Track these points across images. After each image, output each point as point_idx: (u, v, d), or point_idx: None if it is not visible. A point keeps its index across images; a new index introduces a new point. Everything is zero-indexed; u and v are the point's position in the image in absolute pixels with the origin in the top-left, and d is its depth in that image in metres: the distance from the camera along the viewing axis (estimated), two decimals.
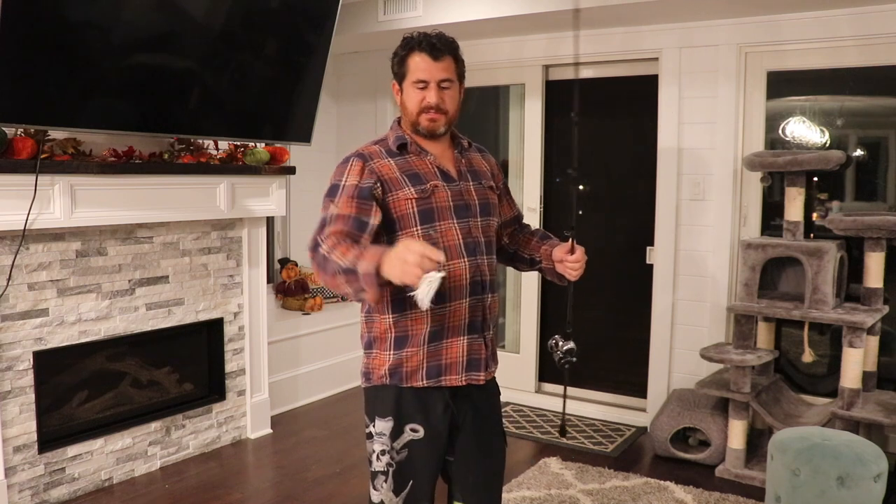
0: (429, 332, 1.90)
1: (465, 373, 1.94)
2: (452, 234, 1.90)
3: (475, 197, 1.97)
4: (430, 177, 1.92)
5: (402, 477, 1.94)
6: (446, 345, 1.92)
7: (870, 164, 3.78)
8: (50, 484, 3.18)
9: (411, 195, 1.87)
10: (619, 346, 4.49)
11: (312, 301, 4.84)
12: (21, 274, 3.02)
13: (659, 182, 4.11)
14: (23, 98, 2.75)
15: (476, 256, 1.93)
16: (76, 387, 3.38)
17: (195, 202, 3.54)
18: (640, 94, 4.22)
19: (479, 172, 2.04)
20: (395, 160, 1.91)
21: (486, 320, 1.97)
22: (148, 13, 3.05)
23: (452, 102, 1.93)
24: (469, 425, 2.00)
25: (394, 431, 1.95)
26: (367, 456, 2.05)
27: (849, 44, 3.60)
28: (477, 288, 1.93)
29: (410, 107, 1.92)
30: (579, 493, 3.31)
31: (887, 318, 3.55)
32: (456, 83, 1.93)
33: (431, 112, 1.90)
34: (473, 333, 1.94)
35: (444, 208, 1.90)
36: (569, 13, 3.82)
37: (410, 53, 1.90)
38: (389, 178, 1.88)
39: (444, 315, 1.89)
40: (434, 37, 1.89)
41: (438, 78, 1.88)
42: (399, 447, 1.94)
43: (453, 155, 2.00)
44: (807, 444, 2.44)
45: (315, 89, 3.80)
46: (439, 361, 1.92)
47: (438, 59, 1.88)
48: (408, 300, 1.82)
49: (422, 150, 1.95)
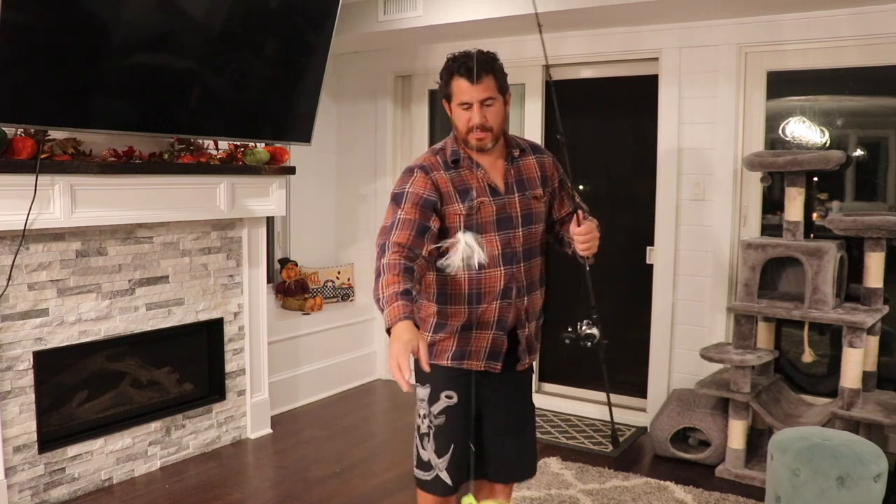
0: (463, 324, 2.14)
1: (485, 361, 2.18)
2: (493, 246, 2.10)
3: (518, 209, 2.15)
4: (479, 192, 2.10)
5: (443, 441, 2.16)
6: (475, 336, 2.16)
7: (870, 164, 3.77)
8: (50, 484, 3.18)
9: (460, 211, 2.08)
10: (619, 346, 4.48)
11: (312, 301, 4.84)
12: (21, 274, 3.02)
13: (659, 182, 4.11)
14: (23, 98, 2.75)
15: (512, 265, 2.14)
16: (76, 387, 3.38)
17: (195, 202, 3.54)
18: (640, 94, 4.22)
19: (526, 181, 2.19)
20: (449, 173, 2.10)
21: (521, 319, 2.20)
22: (148, 13, 3.05)
23: (496, 118, 2.07)
24: (497, 407, 2.24)
25: (431, 397, 2.18)
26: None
27: (849, 44, 3.60)
28: (509, 293, 2.15)
29: (459, 126, 2.09)
30: (579, 493, 3.31)
31: (887, 318, 3.55)
32: (498, 98, 2.07)
33: (477, 131, 2.05)
34: (500, 330, 2.17)
35: (488, 222, 2.10)
36: (570, 13, 3.82)
37: (452, 77, 2.05)
38: (444, 192, 2.08)
39: (477, 313, 2.14)
40: (472, 59, 2.01)
41: (480, 98, 2.02)
42: (437, 412, 2.17)
43: (503, 166, 2.16)
44: (807, 444, 2.44)
45: (315, 89, 3.80)
46: (466, 348, 2.16)
47: (479, 83, 2.01)
48: (449, 297, 2.13)
49: (473, 164, 2.11)
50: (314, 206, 5.22)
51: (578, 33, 4.27)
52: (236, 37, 3.40)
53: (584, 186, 4.62)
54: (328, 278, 5.15)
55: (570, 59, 4.36)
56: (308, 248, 5.19)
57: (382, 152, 5.09)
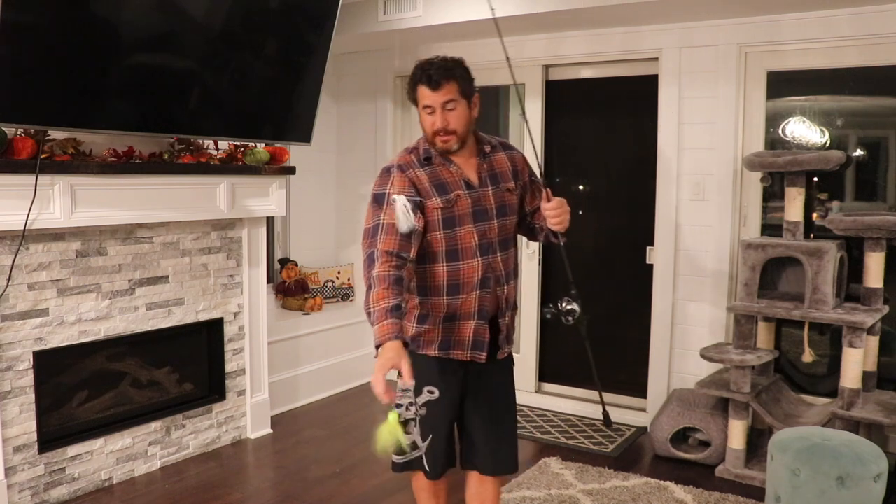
0: (445, 314, 2.22)
1: (470, 350, 2.26)
2: (469, 238, 2.21)
3: (492, 201, 2.25)
4: (455, 186, 2.21)
5: (426, 428, 2.18)
6: (459, 326, 2.25)
7: (870, 164, 3.77)
8: (50, 484, 3.18)
9: (438, 205, 2.18)
10: (619, 346, 4.49)
11: (312, 301, 4.84)
12: (21, 274, 3.02)
13: (659, 182, 4.11)
14: (23, 98, 2.75)
15: (489, 255, 2.23)
16: (76, 387, 3.38)
17: (195, 202, 3.54)
18: (640, 94, 4.22)
19: (498, 175, 2.29)
20: (425, 170, 2.21)
21: (500, 308, 2.28)
22: (148, 13, 3.05)
23: (459, 120, 2.16)
24: (481, 396, 2.31)
25: (414, 389, 2.20)
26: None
27: (849, 44, 3.60)
28: (488, 282, 2.24)
29: (426, 129, 2.21)
30: (579, 493, 3.31)
31: (887, 318, 3.54)
32: (461, 101, 2.16)
33: (442, 134, 2.16)
34: (482, 319, 2.25)
35: (465, 214, 2.20)
36: (570, 13, 3.83)
37: (416, 85, 2.17)
38: (422, 188, 2.19)
39: (457, 304, 2.23)
40: (433, 67, 2.13)
41: (441, 101, 2.13)
42: (420, 403, 2.19)
43: (476, 162, 2.27)
44: (807, 444, 2.44)
45: (315, 89, 3.80)
46: (451, 338, 2.25)
47: (438, 89, 2.12)
48: (430, 289, 2.22)
49: (446, 160, 2.23)
50: (314, 206, 5.22)
51: (578, 33, 4.27)
52: (236, 37, 3.40)
53: (584, 186, 4.62)
54: (328, 278, 5.15)
55: (570, 59, 4.36)
56: (308, 248, 5.19)
57: (382, 152, 5.08)
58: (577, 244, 4.58)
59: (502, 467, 2.40)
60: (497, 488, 2.45)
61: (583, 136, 4.56)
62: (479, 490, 2.42)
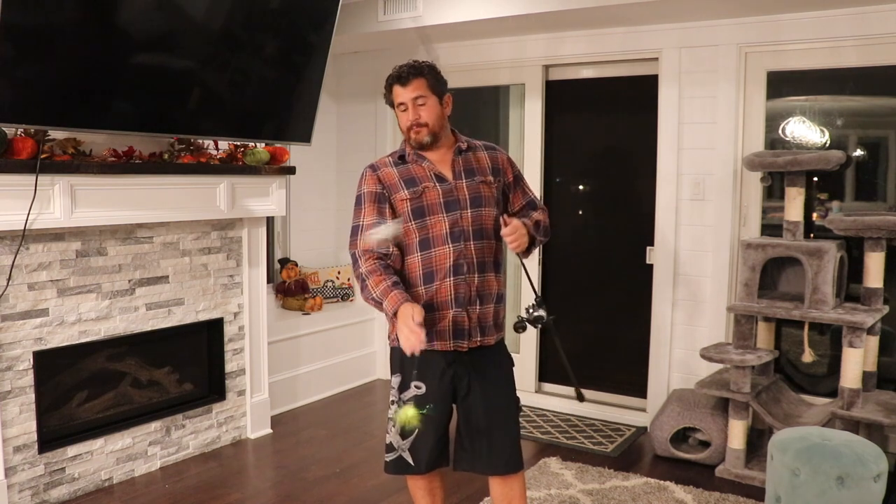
0: (424, 305, 2.24)
1: (452, 340, 2.30)
2: (440, 226, 2.29)
3: (466, 192, 2.33)
4: (424, 179, 2.32)
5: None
6: (438, 316, 2.29)
7: (870, 164, 3.77)
8: (50, 484, 3.18)
9: (405, 196, 2.30)
10: (619, 346, 4.49)
11: (312, 301, 4.84)
12: (21, 274, 3.02)
13: (659, 182, 4.11)
14: (23, 98, 2.75)
15: (461, 243, 2.30)
16: (76, 387, 3.38)
17: (195, 202, 3.54)
18: (640, 94, 4.22)
19: (475, 170, 2.38)
20: (397, 168, 2.35)
21: (473, 296, 2.31)
22: (148, 13, 3.05)
23: (429, 114, 2.30)
24: (476, 394, 2.33)
25: (401, 385, 2.34)
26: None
27: (849, 44, 3.60)
28: (460, 269, 2.29)
29: (402, 126, 2.35)
30: (579, 493, 3.31)
31: (887, 318, 3.55)
32: (431, 97, 2.30)
33: (415, 127, 2.29)
34: (459, 307, 2.30)
35: (434, 204, 2.30)
36: (570, 13, 3.83)
37: (391, 87, 2.33)
38: (390, 184, 2.32)
39: (433, 292, 2.30)
40: (404, 67, 2.30)
41: (412, 97, 2.28)
42: (406, 399, 2.30)
43: (451, 158, 2.36)
44: (807, 444, 2.44)
45: (315, 89, 3.80)
46: (432, 328, 2.27)
47: (407, 85, 2.28)
48: (408, 281, 2.30)
49: (419, 158, 2.34)
50: (314, 206, 5.22)
51: (578, 33, 4.27)
52: (236, 37, 3.40)
53: (583, 186, 4.62)
54: (328, 278, 5.15)
55: (570, 59, 4.36)
56: (308, 248, 5.19)
57: (382, 152, 5.06)
58: (577, 244, 4.58)
59: (503, 467, 2.38)
60: (522, 485, 2.43)
61: (583, 135, 4.56)
62: (503, 491, 2.41)
